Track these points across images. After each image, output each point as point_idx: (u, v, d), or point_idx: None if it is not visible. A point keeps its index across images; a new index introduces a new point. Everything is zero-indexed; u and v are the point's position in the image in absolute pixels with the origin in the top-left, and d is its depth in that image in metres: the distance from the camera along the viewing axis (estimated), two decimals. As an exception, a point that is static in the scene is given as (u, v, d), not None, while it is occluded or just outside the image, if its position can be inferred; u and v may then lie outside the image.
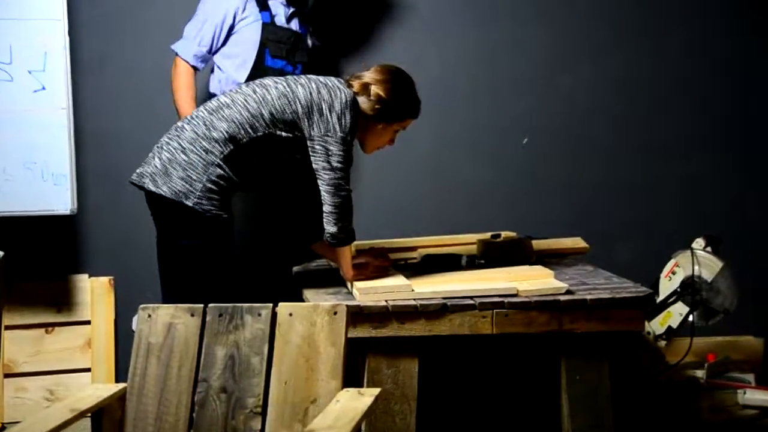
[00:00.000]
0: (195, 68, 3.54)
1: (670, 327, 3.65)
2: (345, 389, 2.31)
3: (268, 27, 3.55)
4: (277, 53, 3.55)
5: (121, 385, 2.42)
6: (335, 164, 2.90)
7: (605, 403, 2.91)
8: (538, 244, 3.51)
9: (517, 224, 3.80)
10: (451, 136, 4.16)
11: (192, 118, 2.98)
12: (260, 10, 3.55)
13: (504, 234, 3.59)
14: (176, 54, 3.53)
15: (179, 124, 3.00)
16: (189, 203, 2.86)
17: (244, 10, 3.52)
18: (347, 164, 2.94)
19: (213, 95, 3.51)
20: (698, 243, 3.70)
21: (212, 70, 3.62)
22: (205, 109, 2.98)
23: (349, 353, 2.40)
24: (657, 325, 3.67)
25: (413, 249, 3.53)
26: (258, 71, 3.50)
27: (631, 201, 4.23)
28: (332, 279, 3.13)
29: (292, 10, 3.63)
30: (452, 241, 3.58)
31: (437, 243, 3.57)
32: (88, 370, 3.94)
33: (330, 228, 2.94)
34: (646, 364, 3.70)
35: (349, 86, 3.01)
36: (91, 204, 3.95)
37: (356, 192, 3.55)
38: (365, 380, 2.85)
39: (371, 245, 3.35)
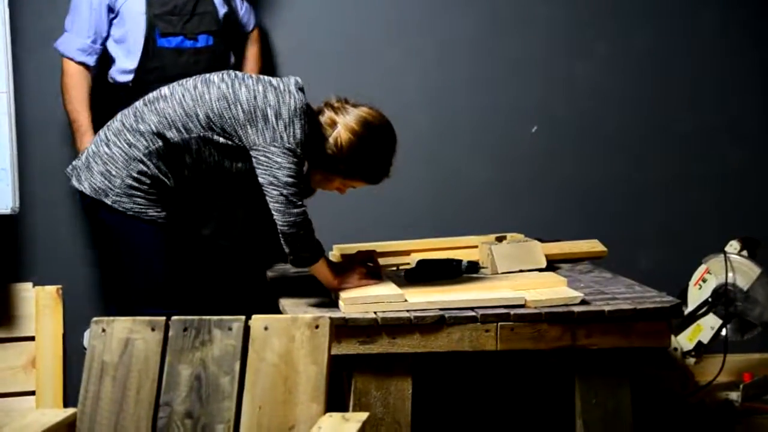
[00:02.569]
0: (85, 65, 3.53)
1: (700, 342, 3.67)
2: (328, 414, 2.32)
3: None
4: (168, 29, 3.48)
5: (71, 410, 2.42)
6: (283, 178, 2.85)
7: (626, 429, 2.92)
8: (548, 247, 3.52)
9: (524, 225, 3.81)
10: (450, 126, 4.16)
11: (129, 108, 3.03)
12: None
13: (510, 236, 3.60)
14: (60, 53, 3.53)
15: (117, 115, 3.05)
16: (108, 201, 2.92)
17: None
18: (299, 178, 2.89)
19: (114, 86, 3.56)
20: (733, 246, 3.72)
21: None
22: (143, 100, 3.02)
23: (332, 372, 2.41)
24: (685, 340, 3.69)
25: (407, 253, 3.54)
26: (151, 56, 3.48)
27: (656, 199, 4.24)
28: (313, 287, 3.14)
29: None
30: (451, 245, 3.59)
31: (434, 246, 3.58)
32: (32, 393, 3.93)
33: (288, 249, 2.92)
34: (672, 385, 3.72)
35: (320, 110, 2.98)
36: (36, 202, 3.94)
37: (341, 188, 3.56)
38: (351, 403, 2.86)
39: (358, 249, 3.36)
